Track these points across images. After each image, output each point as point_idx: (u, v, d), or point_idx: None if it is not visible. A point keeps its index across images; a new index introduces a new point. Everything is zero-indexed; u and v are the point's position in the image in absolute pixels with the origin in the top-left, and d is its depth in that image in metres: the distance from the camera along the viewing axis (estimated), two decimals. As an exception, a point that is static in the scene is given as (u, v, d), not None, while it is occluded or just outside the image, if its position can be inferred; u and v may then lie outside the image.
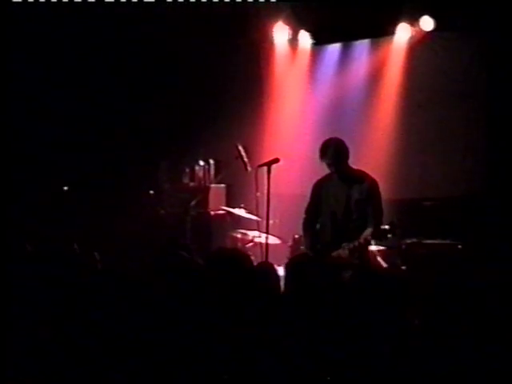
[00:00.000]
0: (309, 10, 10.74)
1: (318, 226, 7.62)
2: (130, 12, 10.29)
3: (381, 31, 10.63)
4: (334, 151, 7.26)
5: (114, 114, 11.30)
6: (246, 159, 9.46)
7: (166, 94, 11.31)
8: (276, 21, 11.11)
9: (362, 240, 7.12)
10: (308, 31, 11.23)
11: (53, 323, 4.76)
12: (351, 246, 7.13)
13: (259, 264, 6.13)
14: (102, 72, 11.14)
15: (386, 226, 7.03)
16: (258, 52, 11.54)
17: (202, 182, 11.31)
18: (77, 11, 10.04)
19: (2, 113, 10.56)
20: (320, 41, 11.33)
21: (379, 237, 7.28)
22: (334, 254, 7.15)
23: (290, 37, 11.35)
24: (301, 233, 8.03)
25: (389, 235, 7.07)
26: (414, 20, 10.29)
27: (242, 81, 11.42)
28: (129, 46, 11.17)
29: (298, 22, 11.12)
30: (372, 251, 8.59)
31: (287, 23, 11.13)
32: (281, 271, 5.41)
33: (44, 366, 4.49)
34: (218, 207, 10.88)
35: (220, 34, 11.07)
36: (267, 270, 5.10)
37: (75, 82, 11.02)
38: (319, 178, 7.68)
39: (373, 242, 7.89)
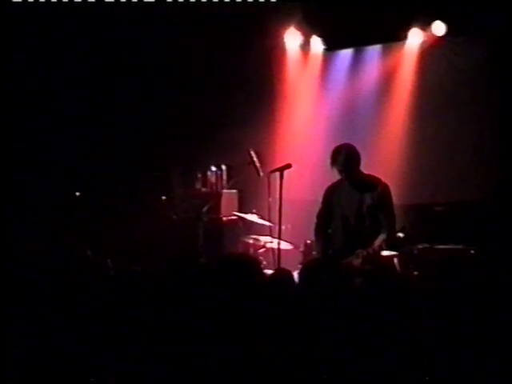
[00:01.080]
0: (320, 16, 10.75)
1: (330, 231, 7.62)
2: (137, 14, 10.31)
3: (393, 36, 10.63)
4: (344, 158, 7.25)
5: (125, 118, 11.32)
6: (258, 165, 9.46)
7: (178, 99, 11.33)
8: (288, 26, 11.13)
9: (376, 247, 7.11)
10: (320, 36, 11.23)
11: (59, 326, 4.78)
12: (365, 253, 7.12)
13: (276, 270, 6.14)
14: (112, 74, 11.16)
15: (401, 234, 7.01)
16: (270, 57, 11.54)
17: (214, 188, 11.32)
18: (77, 11, 10.00)
19: (4, 114, 10.55)
20: (332, 46, 11.33)
21: (394, 245, 7.25)
22: (347, 260, 7.14)
23: (302, 42, 11.36)
24: (313, 238, 8.03)
25: (404, 244, 7.07)
26: (425, 25, 10.28)
27: (254, 86, 11.43)
28: (138, 48, 11.17)
29: (309, 28, 11.14)
30: (388, 256, 8.59)
31: (299, 29, 11.14)
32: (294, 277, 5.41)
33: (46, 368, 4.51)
34: (230, 213, 10.88)
35: (232, 39, 11.12)
36: (285, 277, 5.11)
37: (81, 84, 11.04)
38: (331, 183, 7.68)
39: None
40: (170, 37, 10.84)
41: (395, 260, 8.70)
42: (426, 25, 10.28)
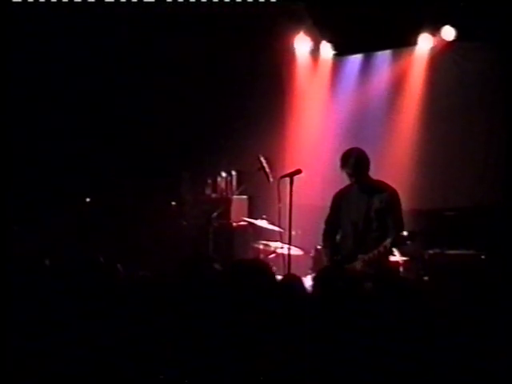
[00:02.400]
0: (330, 21, 10.76)
1: (338, 237, 7.61)
2: (140, 15, 10.32)
3: (402, 41, 10.63)
4: (354, 161, 7.25)
5: (134, 123, 11.34)
6: (268, 170, 9.47)
7: (188, 105, 11.35)
8: (297, 32, 11.13)
9: (381, 249, 7.11)
10: (329, 42, 11.24)
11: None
12: (366, 257, 7.13)
13: (285, 276, 6.13)
14: (117, 76, 11.18)
15: (405, 233, 7.01)
16: (280, 63, 11.57)
17: (224, 194, 11.33)
18: (77, 11, 9.96)
19: (6, 115, 10.53)
20: (341, 52, 11.33)
21: (398, 244, 7.25)
22: (349, 266, 7.13)
23: (312, 48, 11.36)
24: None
25: (408, 242, 7.06)
26: (435, 30, 10.27)
27: (264, 92, 11.45)
28: (144, 51, 11.19)
29: (319, 33, 11.14)
30: (395, 261, 8.59)
31: (308, 34, 11.14)
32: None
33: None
34: (240, 218, 10.89)
35: (242, 45, 11.16)
36: (294, 282, 5.10)
37: (84, 86, 11.04)
38: (340, 188, 7.68)
39: (396, 251, 7.89)
40: (180, 42, 10.87)
41: (400, 263, 8.75)
42: (435, 30, 10.27)
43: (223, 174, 11.39)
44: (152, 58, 11.24)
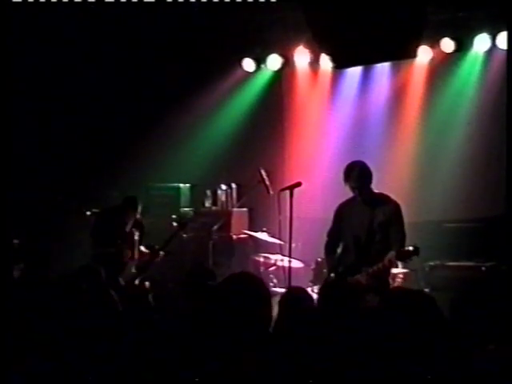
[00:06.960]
0: (329, 34, 10.77)
1: (339, 249, 7.61)
2: (145, 18, 10.35)
3: (402, 54, 10.62)
4: (358, 174, 7.28)
5: (133, 136, 11.36)
6: (268, 183, 9.48)
7: (187, 117, 11.38)
8: (297, 45, 11.15)
9: (386, 262, 7.11)
10: (329, 55, 11.24)
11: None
12: (370, 270, 7.13)
13: (291, 289, 6.13)
14: (119, 79, 11.22)
15: (410, 248, 7.03)
16: (280, 76, 11.60)
17: (225, 206, 11.33)
18: (77, 11, 9.89)
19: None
20: (340, 64, 11.33)
21: (403, 258, 7.26)
22: (353, 279, 7.13)
23: (311, 60, 11.37)
24: (323, 256, 8.03)
25: (412, 256, 7.08)
26: (434, 42, 10.29)
27: (264, 104, 11.48)
28: (150, 59, 11.25)
29: (318, 46, 11.16)
30: (393, 274, 8.59)
31: (308, 47, 11.15)
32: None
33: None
34: (240, 231, 10.89)
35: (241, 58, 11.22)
36: (301, 295, 5.10)
37: (84, 87, 11.06)
38: (341, 201, 7.68)
39: (399, 264, 7.90)
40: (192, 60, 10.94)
41: (400, 276, 8.76)
42: (434, 42, 10.28)
43: (223, 187, 11.38)
44: (155, 68, 11.29)
